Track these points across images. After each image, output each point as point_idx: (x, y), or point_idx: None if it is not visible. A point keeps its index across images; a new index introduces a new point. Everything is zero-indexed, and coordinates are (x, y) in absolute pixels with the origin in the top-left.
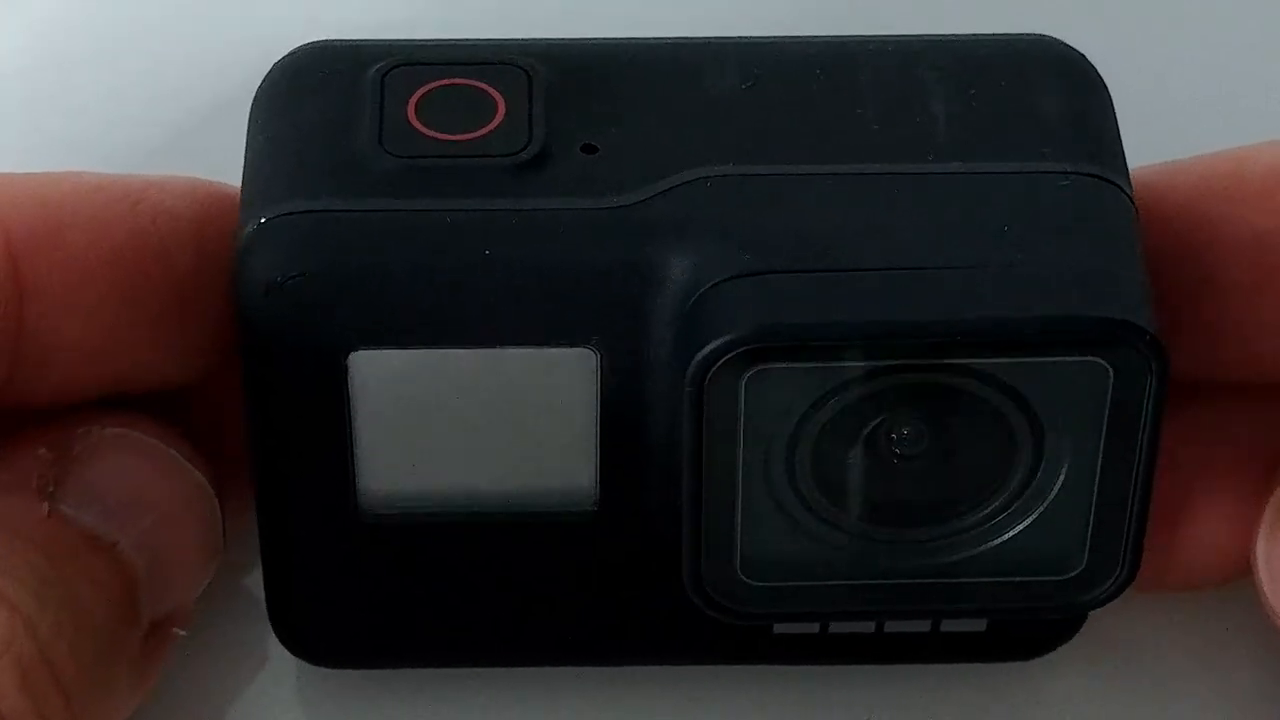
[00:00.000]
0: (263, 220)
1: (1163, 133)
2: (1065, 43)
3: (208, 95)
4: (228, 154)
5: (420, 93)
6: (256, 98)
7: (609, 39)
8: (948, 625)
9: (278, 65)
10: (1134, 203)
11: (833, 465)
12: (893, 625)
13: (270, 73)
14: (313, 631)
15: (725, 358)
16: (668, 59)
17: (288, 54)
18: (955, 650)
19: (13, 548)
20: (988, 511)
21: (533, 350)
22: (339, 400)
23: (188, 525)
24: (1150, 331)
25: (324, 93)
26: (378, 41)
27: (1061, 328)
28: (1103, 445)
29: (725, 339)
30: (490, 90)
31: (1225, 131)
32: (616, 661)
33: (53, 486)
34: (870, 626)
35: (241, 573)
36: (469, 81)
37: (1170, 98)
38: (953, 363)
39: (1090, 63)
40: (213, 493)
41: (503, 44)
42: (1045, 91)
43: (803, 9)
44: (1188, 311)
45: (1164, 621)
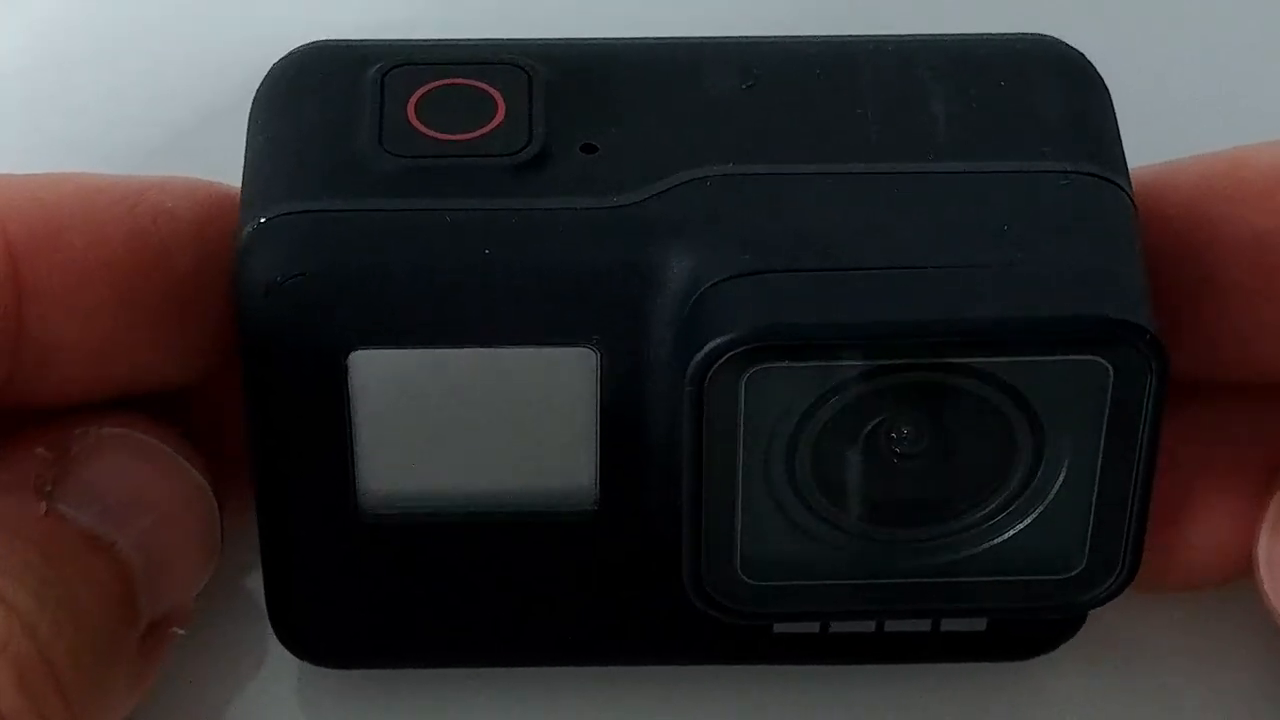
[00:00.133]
0: (262, 220)
1: (1163, 133)
2: (1065, 42)
3: (208, 95)
4: (228, 154)
5: (420, 93)
6: (256, 98)
7: (609, 39)
8: (948, 625)
9: (277, 65)
10: (1134, 202)
11: (833, 465)
12: (893, 625)
13: (270, 73)
14: (312, 631)
15: (725, 357)
16: (667, 59)
17: (287, 54)
18: (955, 650)
19: (11, 547)
20: (988, 511)
21: (532, 350)
22: (339, 400)
23: (186, 525)
24: (1150, 330)
25: (324, 93)
26: (377, 41)
27: (1061, 327)
28: (1103, 444)
29: (725, 338)
30: (490, 90)
31: (1225, 131)
32: (616, 661)
33: (51, 486)
34: (870, 626)
35: (241, 573)
36: (469, 81)
37: (1170, 98)
38: (953, 362)
39: (1090, 62)
40: (211, 493)
41: (502, 44)
42: (1045, 91)
43: (802, 9)
44: (1187, 311)
45: (1164, 621)
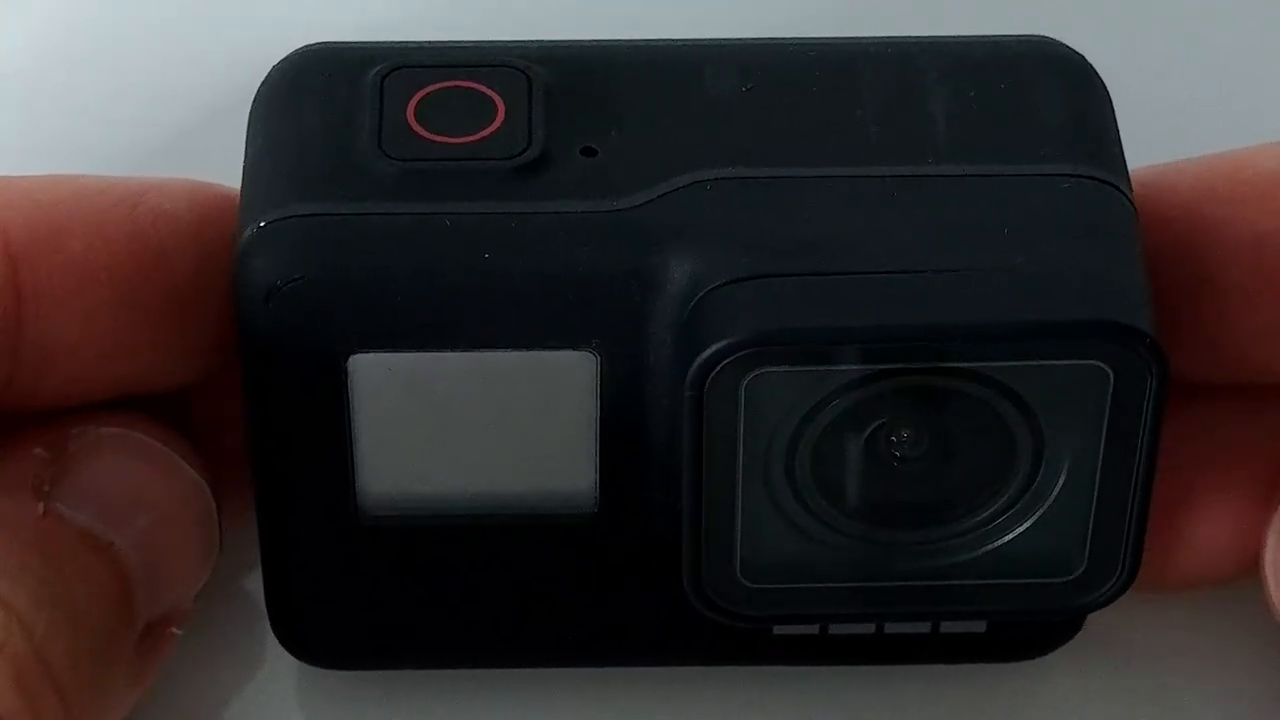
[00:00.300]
0: (262, 224)
1: (1163, 133)
2: (1065, 44)
3: (208, 96)
4: (228, 155)
5: (419, 95)
6: (256, 100)
7: (608, 40)
8: (947, 627)
9: (276, 68)
10: (1134, 205)
11: (832, 467)
12: (892, 626)
13: (269, 75)
14: (312, 632)
15: (725, 361)
16: (667, 61)
17: (286, 56)
18: (954, 651)
19: (8, 548)
20: (988, 514)
21: (532, 354)
22: (339, 403)
23: (184, 525)
24: (1150, 335)
25: (323, 95)
26: (376, 44)
27: (1061, 331)
28: (1103, 448)
29: (725, 343)
30: (490, 93)
31: (1225, 132)
32: (616, 663)
33: (48, 486)
34: (869, 628)
35: (241, 573)
36: (468, 84)
37: (1170, 99)
38: (952, 366)
39: (1090, 64)
40: (209, 492)
41: (502, 46)
42: (1045, 93)
43: (802, 10)
44: (1187, 313)
45: (1164, 621)
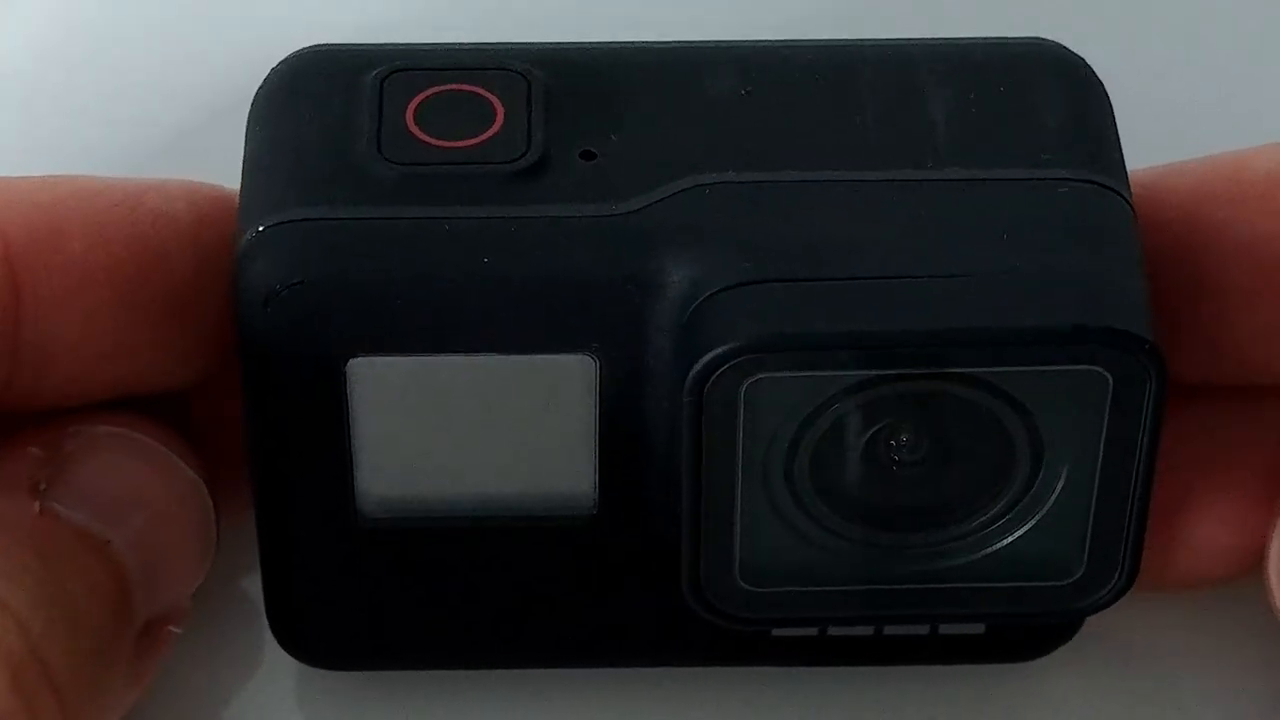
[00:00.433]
0: (261, 229)
1: (1163, 134)
2: (1064, 46)
3: (208, 96)
4: (227, 155)
5: (419, 98)
6: (254, 102)
7: (608, 42)
8: (945, 628)
9: (275, 70)
10: (1133, 208)
11: (832, 472)
12: (891, 628)
13: (268, 77)
14: (311, 633)
15: (724, 367)
16: (666, 63)
17: (284, 59)
18: (952, 652)
19: (4, 547)
20: (987, 517)
21: (531, 357)
22: (338, 407)
23: (181, 523)
24: (1149, 340)
25: (322, 98)
26: (375, 46)
27: (1061, 337)
28: (1102, 452)
29: (725, 348)
30: (489, 96)
31: (1225, 133)
32: (615, 663)
33: (45, 485)
34: (869, 629)
35: (239, 573)
36: (467, 87)
37: (1170, 99)
38: (952, 371)
39: (1089, 67)
40: (206, 490)
41: (501, 48)
42: (1044, 96)
43: (801, 12)
44: (1187, 313)
45: (1164, 621)
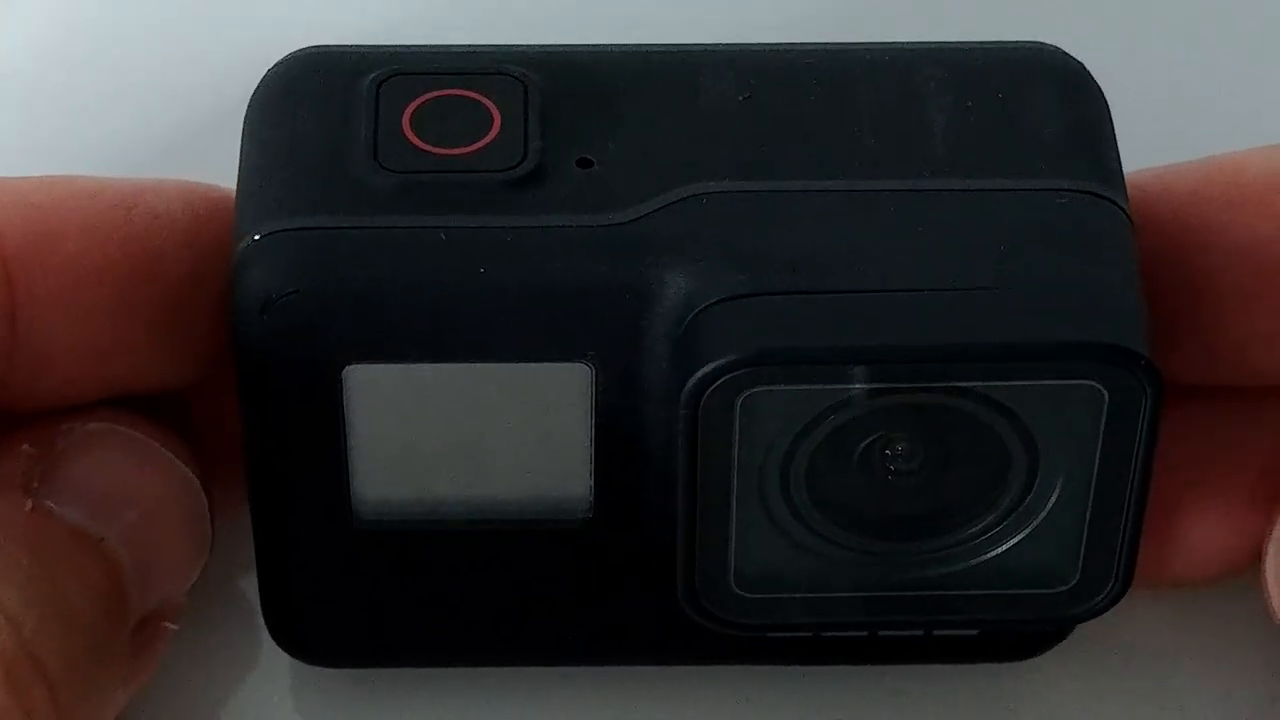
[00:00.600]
0: (257, 237)
1: (1162, 136)
2: (1064, 51)
3: (207, 97)
4: (226, 156)
5: (415, 104)
6: (250, 105)
7: (605, 45)
8: (940, 631)
9: (270, 73)
10: (1131, 219)
11: (827, 481)
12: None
13: (263, 80)
14: (308, 633)
15: (721, 380)
16: (664, 68)
17: (279, 61)
18: (946, 652)
19: None
20: (981, 526)
21: (527, 366)
22: (334, 414)
23: (175, 519)
24: (1145, 356)
25: (317, 103)
26: (372, 48)
27: (1056, 353)
28: (1097, 464)
29: (721, 361)
30: (486, 102)
31: (1224, 135)
32: (612, 662)
33: (37, 482)
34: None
35: (236, 572)
36: (464, 93)
37: (1169, 101)
38: (948, 385)
39: (1089, 73)
40: (200, 486)
41: (498, 51)
42: (1043, 104)
43: (800, 15)
44: (1184, 316)
45: (1161, 620)
